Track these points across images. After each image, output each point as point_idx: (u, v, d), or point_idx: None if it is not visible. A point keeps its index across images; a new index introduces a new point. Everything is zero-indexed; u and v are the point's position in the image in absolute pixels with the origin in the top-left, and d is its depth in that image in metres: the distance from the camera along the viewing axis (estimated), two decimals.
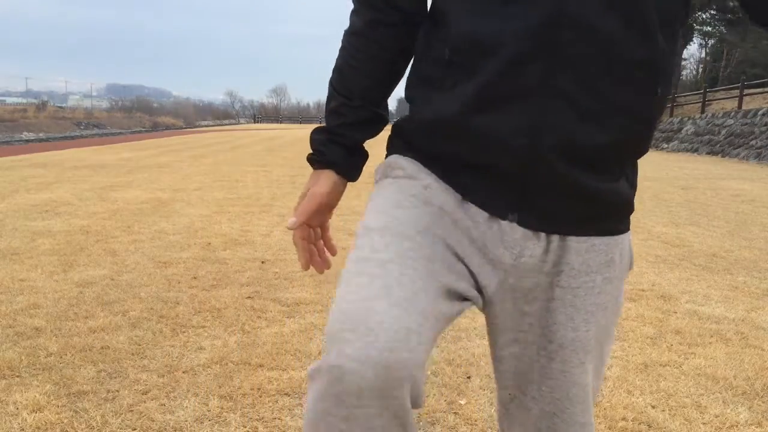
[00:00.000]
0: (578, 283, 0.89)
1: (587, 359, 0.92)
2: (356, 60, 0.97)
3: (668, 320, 3.10)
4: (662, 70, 0.84)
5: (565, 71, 0.79)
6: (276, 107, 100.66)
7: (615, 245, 0.92)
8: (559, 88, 0.80)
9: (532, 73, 0.80)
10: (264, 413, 2.06)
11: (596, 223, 0.89)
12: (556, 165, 0.82)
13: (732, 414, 2.13)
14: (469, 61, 0.83)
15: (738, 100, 19.78)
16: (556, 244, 0.88)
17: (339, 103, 0.98)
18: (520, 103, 0.81)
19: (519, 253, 0.88)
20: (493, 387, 2.28)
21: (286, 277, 3.73)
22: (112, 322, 2.89)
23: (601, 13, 0.78)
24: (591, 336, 0.91)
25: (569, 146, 0.82)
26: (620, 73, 0.81)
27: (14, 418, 1.98)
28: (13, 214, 5.66)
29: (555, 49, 0.79)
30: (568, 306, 0.89)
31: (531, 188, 0.85)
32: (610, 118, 0.82)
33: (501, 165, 0.85)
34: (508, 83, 0.81)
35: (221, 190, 7.68)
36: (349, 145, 0.98)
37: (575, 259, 0.89)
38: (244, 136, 27.26)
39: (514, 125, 0.81)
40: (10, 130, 31.56)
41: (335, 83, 0.99)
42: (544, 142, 0.81)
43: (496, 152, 0.84)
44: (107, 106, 72.31)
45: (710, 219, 6.30)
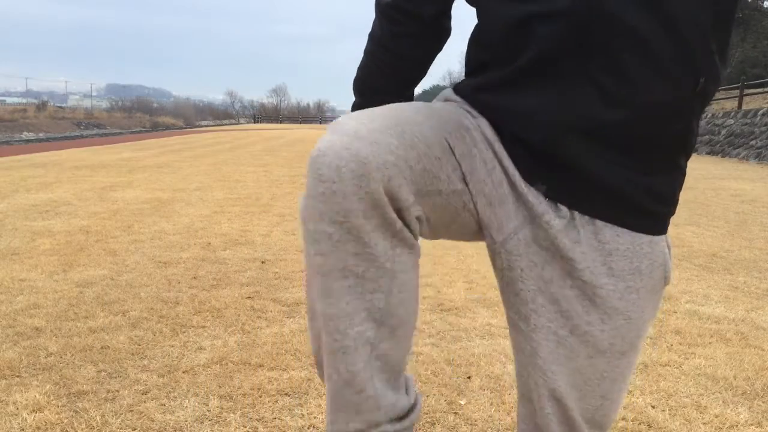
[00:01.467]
0: (600, 284, 0.88)
1: (597, 357, 0.90)
2: (375, 65, 1.04)
3: (668, 320, 3.10)
4: (703, 66, 0.83)
5: (598, 61, 0.81)
6: (276, 107, 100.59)
7: (643, 254, 0.89)
8: (591, 77, 0.81)
9: (565, 62, 0.81)
10: (264, 413, 2.06)
11: (617, 211, 0.88)
12: (577, 146, 0.83)
13: (732, 414, 2.13)
14: (505, 49, 0.86)
15: (738, 100, 19.78)
16: (579, 233, 0.87)
17: (360, 102, 1.05)
18: (548, 85, 0.83)
19: (542, 212, 0.87)
20: (493, 387, 2.29)
21: (286, 277, 3.73)
22: (112, 322, 2.89)
23: (636, 9, 0.78)
24: (605, 337, 0.90)
25: (591, 127, 0.83)
26: (656, 68, 0.81)
27: (14, 418, 1.98)
28: (13, 214, 5.66)
29: (588, 42, 0.80)
30: (586, 300, 0.88)
31: (554, 163, 0.85)
32: (641, 110, 0.82)
33: (527, 139, 0.86)
34: (540, 69, 0.83)
35: (221, 190, 7.68)
36: None
37: (597, 258, 0.87)
38: (244, 136, 27.26)
39: (539, 102, 0.84)
40: (10, 130, 31.57)
41: (357, 83, 1.06)
42: (565, 119, 0.83)
43: (526, 125, 0.86)
44: (107, 106, 72.33)
45: (710, 219, 6.30)
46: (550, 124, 0.84)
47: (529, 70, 0.84)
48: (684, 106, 0.86)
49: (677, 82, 0.83)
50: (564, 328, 0.89)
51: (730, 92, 21.07)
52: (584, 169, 0.85)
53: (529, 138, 0.86)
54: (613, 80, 0.81)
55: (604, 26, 0.79)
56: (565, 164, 0.85)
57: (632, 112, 0.82)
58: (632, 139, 0.84)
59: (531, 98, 0.85)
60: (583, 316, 0.88)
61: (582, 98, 0.82)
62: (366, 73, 1.05)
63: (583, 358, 0.90)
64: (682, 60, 0.81)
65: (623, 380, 0.95)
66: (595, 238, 0.88)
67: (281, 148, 17.76)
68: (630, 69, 0.80)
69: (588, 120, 0.82)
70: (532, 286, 0.90)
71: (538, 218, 0.87)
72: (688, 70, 0.82)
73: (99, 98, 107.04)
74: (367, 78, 1.04)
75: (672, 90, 0.83)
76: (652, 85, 0.81)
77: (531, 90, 0.85)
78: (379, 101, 0.99)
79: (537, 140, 0.85)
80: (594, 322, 0.89)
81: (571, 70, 0.82)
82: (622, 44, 0.80)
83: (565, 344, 0.90)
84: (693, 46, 0.81)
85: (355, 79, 1.06)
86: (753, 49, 26.70)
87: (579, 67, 0.81)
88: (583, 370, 0.91)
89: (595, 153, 0.84)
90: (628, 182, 0.86)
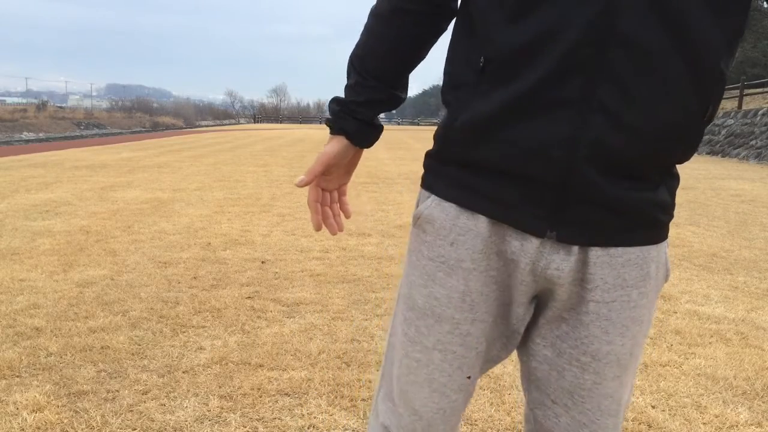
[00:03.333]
0: (613, 297, 0.88)
1: (622, 373, 0.91)
2: (376, 42, 1.00)
3: (668, 320, 3.10)
4: (712, 90, 0.82)
5: (607, 85, 0.79)
6: (276, 107, 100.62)
7: (651, 259, 0.90)
8: (600, 102, 0.79)
9: (573, 84, 0.79)
10: (264, 413, 2.06)
11: (633, 232, 0.88)
12: (592, 177, 0.82)
13: (732, 414, 2.13)
14: (505, 68, 0.83)
15: (738, 100, 19.78)
16: (587, 257, 0.87)
17: (354, 81, 1.01)
18: (558, 114, 0.80)
19: (545, 265, 0.87)
20: (494, 387, 2.29)
21: (286, 277, 3.73)
22: (112, 322, 2.89)
23: (651, 30, 0.77)
24: (626, 350, 0.90)
25: (606, 159, 0.81)
26: (667, 91, 0.80)
27: (14, 418, 1.98)
28: (13, 214, 5.66)
29: (599, 63, 0.78)
30: (603, 319, 0.88)
31: (566, 200, 0.84)
32: (651, 135, 0.81)
33: (536, 174, 0.84)
34: (547, 93, 0.80)
35: (221, 190, 7.68)
36: (360, 119, 1.01)
37: (609, 274, 0.87)
38: (244, 136, 27.26)
39: (551, 135, 0.81)
40: (10, 130, 31.57)
41: (354, 60, 1.02)
42: (580, 153, 0.81)
43: (531, 161, 0.83)
44: (107, 106, 72.32)
45: (710, 219, 6.30)
46: (567, 159, 0.81)
47: (537, 94, 0.81)
48: (693, 131, 0.85)
49: (688, 108, 0.82)
50: (586, 355, 0.90)
51: (730, 92, 21.06)
52: (599, 199, 0.84)
53: (542, 176, 0.83)
54: (622, 105, 0.79)
55: (617, 47, 0.77)
56: (578, 197, 0.84)
57: (640, 137, 0.81)
58: (640, 162, 0.84)
59: (542, 131, 0.81)
60: (602, 336, 0.89)
61: (596, 128, 0.80)
62: (365, 52, 1.00)
63: (611, 380, 0.91)
64: (694, 86, 0.80)
65: (633, 375, 0.97)
66: (607, 254, 0.87)
67: (281, 148, 17.76)
68: (641, 93, 0.79)
69: (604, 151, 0.81)
70: (555, 315, 0.93)
71: (545, 271, 0.88)
72: (699, 97, 0.82)
73: (99, 98, 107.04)
74: (366, 57, 1.00)
75: (682, 116, 0.82)
76: (662, 111, 0.80)
77: (541, 120, 0.81)
78: (374, 83, 0.99)
79: (551, 177, 0.83)
80: (614, 341, 0.89)
81: (580, 95, 0.79)
82: (633, 67, 0.78)
83: (589, 370, 0.91)
84: (705, 73, 0.80)
85: (352, 56, 1.02)
86: (753, 49, 26.69)
87: (592, 91, 0.79)
88: (612, 394, 0.93)
89: (611, 181, 0.83)
90: (641, 202, 0.86)
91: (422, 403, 0.95)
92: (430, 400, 0.95)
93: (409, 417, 0.97)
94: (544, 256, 0.87)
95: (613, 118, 0.80)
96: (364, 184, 8.65)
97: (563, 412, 0.94)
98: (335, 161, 1.02)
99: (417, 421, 0.96)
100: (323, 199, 1.08)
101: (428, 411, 0.95)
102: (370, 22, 1.00)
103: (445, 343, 0.92)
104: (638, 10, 0.76)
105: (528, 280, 0.89)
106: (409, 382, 0.96)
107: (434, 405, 0.95)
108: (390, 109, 1.05)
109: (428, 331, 0.93)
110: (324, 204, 1.08)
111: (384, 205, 6.65)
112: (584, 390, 0.91)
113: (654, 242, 0.90)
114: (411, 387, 0.96)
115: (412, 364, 0.95)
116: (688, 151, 0.88)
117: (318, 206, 1.07)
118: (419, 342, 0.94)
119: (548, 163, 0.82)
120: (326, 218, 1.08)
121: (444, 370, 0.94)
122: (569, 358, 0.91)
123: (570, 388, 0.92)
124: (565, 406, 0.93)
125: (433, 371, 0.94)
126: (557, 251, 0.86)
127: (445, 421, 0.97)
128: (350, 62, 1.02)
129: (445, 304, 0.92)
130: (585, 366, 0.90)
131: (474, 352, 0.93)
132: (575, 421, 0.93)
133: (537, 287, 0.90)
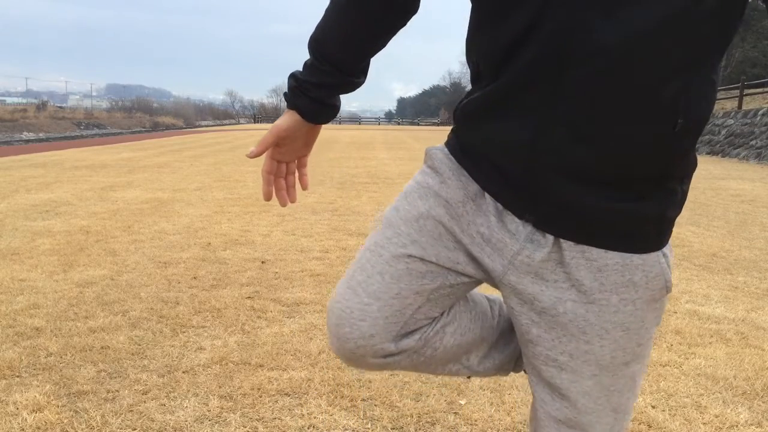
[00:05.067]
0: (591, 299, 0.88)
1: (602, 373, 0.90)
2: (332, 28, 1.00)
3: (668, 320, 3.10)
4: (682, 106, 0.80)
5: (569, 97, 0.79)
6: (276, 107, 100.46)
7: (635, 267, 0.88)
8: (560, 112, 0.80)
9: (535, 94, 0.81)
10: (264, 413, 2.06)
11: (607, 237, 0.87)
12: (554, 181, 0.84)
13: (732, 414, 2.13)
14: (488, 71, 0.87)
15: (738, 100, 19.77)
16: (562, 255, 0.87)
17: (311, 62, 1.02)
18: (523, 119, 0.83)
19: (518, 250, 0.89)
20: (493, 387, 2.29)
21: (286, 277, 3.73)
22: (112, 322, 2.89)
23: (619, 42, 0.76)
24: (606, 352, 0.89)
25: (565, 167, 0.82)
26: (633, 105, 0.79)
27: (14, 418, 1.98)
28: (13, 214, 5.66)
29: (560, 76, 0.79)
30: (580, 319, 0.88)
31: (537, 196, 0.86)
32: (612, 146, 0.81)
33: (509, 168, 0.87)
34: (513, 99, 0.84)
35: (221, 190, 7.68)
36: (313, 98, 1.03)
37: (586, 276, 0.87)
38: (244, 136, 27.25)
39: (517, 137, 0.84)
40: (10, 130, 31.57)
41: (312, 42, 1.02)
42: (541, 159, 0.83)
43: (504, 155, 0.87)
44: (107, 106, 72.26)
45: (710, 219, 6.30)
46: (528, 161, 0.84)
47: (509, 95, 0.84)
48: (662, 144, 0.83)
49: (653, 121, 0.80)
50: (564, 354, 0.90)
51: (730, 92, 21.08)
52: (565, 204, 0.85)
53: (511, 170, 0.87)
54: (583, 117, 0.80)
55: (584, 56, 0.77)
56: (545, 198, 0.85)
57: (601, 149, 0.81)
58: (606, 172, 0.83)
59: (510, 131, 0.85)
60: (579, 336, 0.89)
61: (557, 139, 0.81)
62: (323, 37, 1.00)
63: (587, 378, 0.90)
64: (658, 101, 0.79)
65: (631, 389, 0.94)
66: (583, 257, 0.87)
67: None
68: (602, 105, 0.79)
69: (564, 161, 0.82)
70: (526, 320, 0.92)
71: (518, 256, 0.89)
72: (665, 112, 0.80)
73: (99, 98, 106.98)
74: (322, 42, 1.00)
75: (647, 129, 0.81)
76: (624, 123, 0.80)
77: (510, 120, 0.85)
78: (328, 68, 1.00)
79: (518, 171, 0.86)
80: (592, 341, 0.89)
81: (545, 102, 0.81)
82: (598, 79, 0.78)
83: (566, 368, 0.91)
84: (672, 89, 0.79)
85: (311, 38, 1.02)
86: (753, 49, 26.70)
87: (557, 102, 0.80)
88: (590, 392, 0.91)
89: (575, 189, 0.84)
90: (611, 212, 0.85)
91: (358, 283, 0.97)
92: (367, 285, 0.96)
93: (344, 288, 0.98)
94: (519, 241, 0.89)
95: (574, 129, 0.81)
96: (364, 184, 8.65)
97: (548, 406, 0.95)
98: (286, 134, 1.06)
99: (351, 297, 0.97)
100: (278, 171, 1.12)
101: (363, 293, 0.96)
102: (329, 7, 1.01)
103: (380, 246, 0.96)
104: (598, 25, 0.76)
105: (488, 251, 0.91)
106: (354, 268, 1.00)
107: (370, 289, 0.96)
108: (345, 92, 1.06)
109: (374, 234, 0.98)
110: (278, 176, 1.12)
111: (384, 205, 6.64)
112: (562, 388, 0.91)
113: (636, 251, 0.88)
114: (353, 270, 0.99)
115: (359, 259, 0.99)
116: (668, 162, 0.85)
117: (270, 177, 1.12)
118: (367, 243, 0.99)
119: (516, 160, 0.86)
120: (278, 190, 1.13)
121: (373, 268, 0.95)
122: (545, 359, 0.92)
123: (549, 384, 0.93)
124: (543, 402, 0.95)
125: (365, 265, 0.97)
126: (531, 240, 0.88)
127: (378, 311, 0.96)
128: (309, 43, 1.03)
129: (402, 216, 0.96)
130: (563, 366, 0.90)
131: (404, 265, 0.94)
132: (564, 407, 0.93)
133: (493, 266, 0.91)
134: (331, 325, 0.98)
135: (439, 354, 1.02)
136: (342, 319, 0.96)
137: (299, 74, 1.03)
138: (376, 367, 1.00)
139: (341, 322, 0.96)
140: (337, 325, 0.97)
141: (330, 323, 0.98)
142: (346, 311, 0.96)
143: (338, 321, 0.97)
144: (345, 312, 0.96)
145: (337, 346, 0.98)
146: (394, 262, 0.94)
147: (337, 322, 0.97)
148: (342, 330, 0.96)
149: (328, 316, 0.99)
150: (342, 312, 0.96)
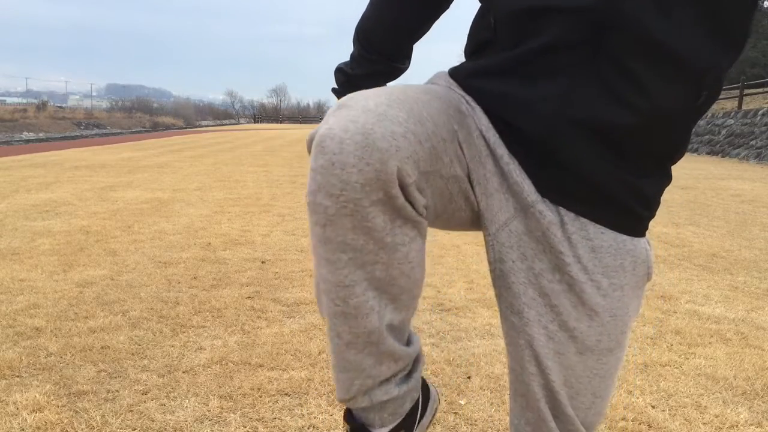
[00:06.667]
0: (586, 279, 0.88)
1: (586, 354, 0.90)
2: (379, 17, 1.04)
3: (668, 320, 3.10)
4: (711, 77, 0.83)
5: (610, 60, 0.80)
6: (276, 107, 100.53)
7: (626, 251, 0.90)
8: (600, 75, 0.81)
9: (573, 54, 0.81)
10: (264, 413, 2.06)
11: (603, 211, 0.88)
12: (577, 140, 0.83)
13: (732, 414, 2.13)
14: (511, 31, 0.86)
15: (738, 100, 19.78)
16: (564, 223, 0.87)
17: (357, 53, 1.06)
18: (556, 77, 0.82)
19: (533, 201, 0.87)
20: (493, 387, 2.29)
21: (286, 277, 3.73)
22: (112, 322, 2.89)
23: (655, 12, 0.77)
24: (592, 334, 0.90)
25: (593, 125, 0.82)
26: (665, 72, 0.80)
27: (14, 418, 1.98)
28: (13, 214, 5.66)
29: (604, 37, 0.79)
30: (574, 296, 0.88)
31: (548, 159, 0.85)
32: (643, 110, 0.82)
33: (525, 129, 0.85)
34: (547, 58, 0.82)
35: (221, 190, 7.68)
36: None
37: (584, 255, 0.88)
38: (244, 136, 27.25)
39: (545, 93, 0.83)
40: (10, 130, 31.58)
41: (359, 33, 1.06)
42: (569, 113, 0.82)
43: (521, 116, 0.85)
44: (107, 106, 72.30)
45: (710, 219, 6.30)
46: (553, 116, 0.83)
47: (537, 59, 0.83)
48: (685, 117, 0.86)
49: (683, 92, 0.83)
50: (553, 323, 0.89)
51: (730, 92, 21.06)
52: (578, 167, 0.85)
53: (527, 128, 0.85)
54: (624, 83, 0.81)
55: (622, 28, 0.78)
56: (558, 159, 0.85)
57: (639, 117, 0.82)
58: (632, 143, 0.84)
59: (535, 88, 0.83)
60: (571, 312, 0.89)
61: (590, 96, 0.81)
62: (369, 26, 1.04)
63: (573, 354, 0.90)
64: (690, 72, 0.81)
65: (611, 377, 0.95)
66: (582, 233, 0.88)
67: (281, 148, 17.75)
68: (642, 74, 0.80)
69: (593, 119, 0.82)
70: (523, 278, 0.90)
71: (530, 208, 0.87)
72: (694, 83, 0.82)
73: (99, 98, 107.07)
74: (369, 31, 1.04)
75: (677, 100, 0.83)
76: (661, 93, 0.81)
77: (537, 79, 0.83)
78: (376, 57, 1.03)
79: (534, 131, 0.84)
80: (581, 319, 0.89)
81: (582, 66, 0.81)
82: (636, 48, 0.79)
83: (554, 339, 0.90)
84: (702, 61, 0.81)
85: (357, 28, 1.06)
86: (753, 49, 26.69)
87: (591, 64, 0.81)
88: (573, 367, 0.91)
89: (593, 152, 0.84)
90: (619, 183, 0.86)
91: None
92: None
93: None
94: (535, 194, 0.87)
95: (614, 94, 0.81)
96: None
97: (532, 381, 0.92)
98: None
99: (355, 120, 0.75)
100: None
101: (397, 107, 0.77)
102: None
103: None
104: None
105: (490, 167, 0.86)
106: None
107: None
108: (392, 79, 1.10)
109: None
110: None
111: None
112: (548, 360, 0.90)
113: (626, 231, 0.90)
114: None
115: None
116: (682, 142, 0.89)
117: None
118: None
119: (536, 119, 0.84)
120: None
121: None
122: (538, 326, 0.90)
123: (536, 355, 0.90)
124: (532, 375, 0.92)
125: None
126: (541, 202, 0.87)
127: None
128: (355, 34, 1.06)
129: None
130: (552, 335, 0.89)
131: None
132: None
133: (486, 185, 0.87)
134: (348, 142, 0.71)
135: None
136: (374, 129, 0.72)
137: (347, 68, 1.07)
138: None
139: (373, 129, 0.72)
140: (365, 135, 0.71)
141: (348, 139, 0.71)
142: (383, 119, 0.73)
143: (369, 128, 0.72)
144: (383, 118, 0.73)
145: (363, 170, 0.71)
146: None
147: (366, 130, 0.72)
148: (377, 142, 0.71)
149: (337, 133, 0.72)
150: (378, 118, 0.73)
